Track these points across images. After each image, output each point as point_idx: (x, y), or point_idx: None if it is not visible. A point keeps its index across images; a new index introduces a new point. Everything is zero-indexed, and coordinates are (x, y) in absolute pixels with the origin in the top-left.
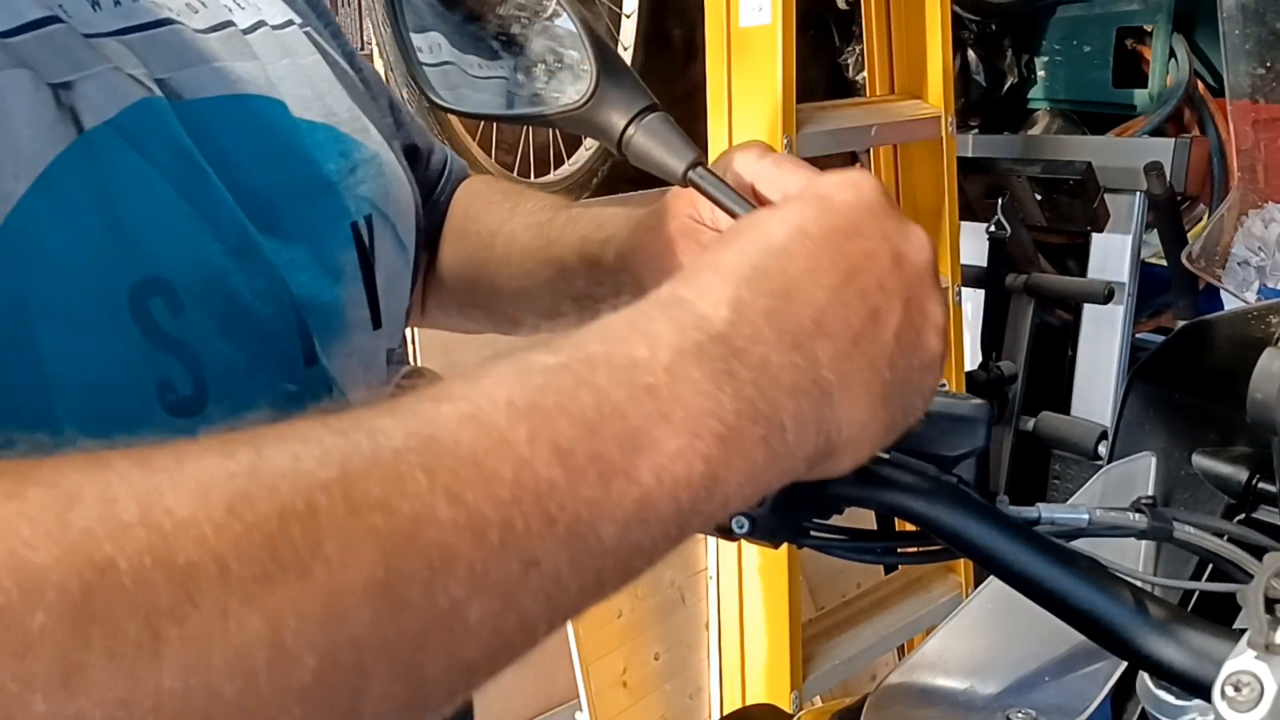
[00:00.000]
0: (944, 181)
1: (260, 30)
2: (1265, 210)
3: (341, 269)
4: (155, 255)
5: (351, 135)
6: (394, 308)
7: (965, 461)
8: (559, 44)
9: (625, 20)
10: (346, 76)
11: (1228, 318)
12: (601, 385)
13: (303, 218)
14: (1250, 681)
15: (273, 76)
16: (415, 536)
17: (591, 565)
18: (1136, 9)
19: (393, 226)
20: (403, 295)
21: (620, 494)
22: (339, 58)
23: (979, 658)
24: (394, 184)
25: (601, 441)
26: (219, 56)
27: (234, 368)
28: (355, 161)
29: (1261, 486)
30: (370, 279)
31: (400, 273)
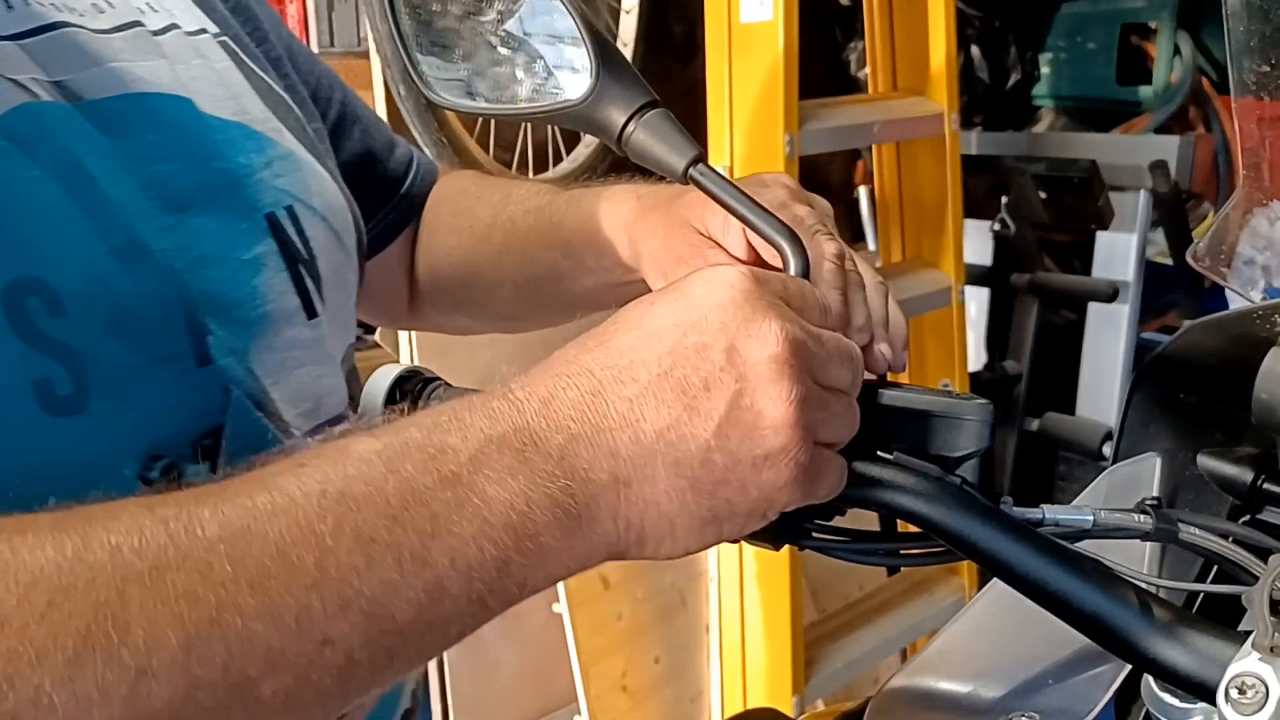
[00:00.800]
0: (947, 179)
1: (172, 33)
2: (1271, 208)
3: (261, 260)
4: (33, 256)
5: (265, 134)
6: (338, 299)
7: (969, 462)
8: (558, 40)
9: (625, 16)
10: (263, 84)
11: (1233, 317)
12: (409, 473)
13: (215, 211)
14: (1255, 684)
15: (182, 76)
16: (217, 622)
17: (384, 643)
18: (1141, 5)
19: (323, 218)
20: (348, 287)
21: (415, 577)
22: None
23: (982, 661)
24: (315, 179)
25: (401, 528)
26: (121, 56)
27: (120, 368)
28: (270, 156)
29: (1267, 487)
30: (296, 268)
31: (342, 264)
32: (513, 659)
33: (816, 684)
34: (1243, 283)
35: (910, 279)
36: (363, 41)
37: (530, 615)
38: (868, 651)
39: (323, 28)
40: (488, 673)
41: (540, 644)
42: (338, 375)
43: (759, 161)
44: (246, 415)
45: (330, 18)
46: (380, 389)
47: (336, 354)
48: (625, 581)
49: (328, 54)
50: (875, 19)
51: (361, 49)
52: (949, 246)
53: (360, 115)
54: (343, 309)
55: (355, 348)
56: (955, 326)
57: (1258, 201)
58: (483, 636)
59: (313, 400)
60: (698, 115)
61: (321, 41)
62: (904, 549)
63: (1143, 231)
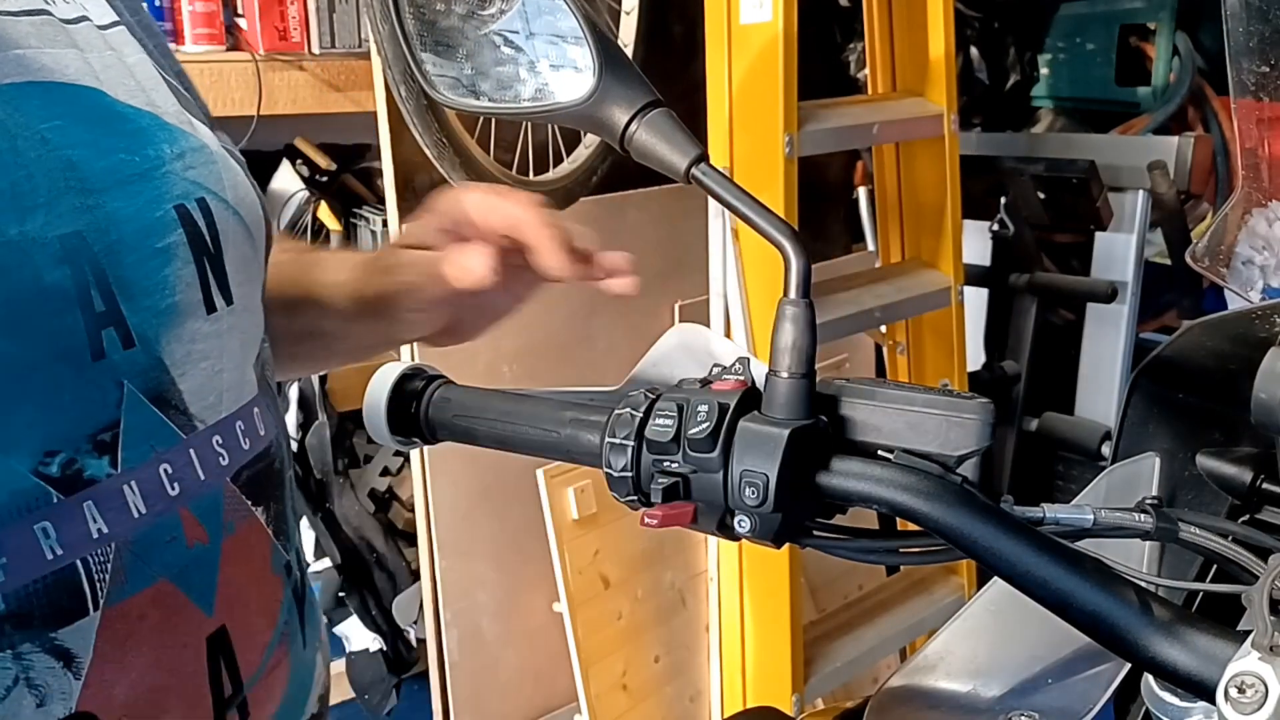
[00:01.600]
0: (946, 180)
1: (84, 24)
2: (1269, 209)
3: (171, 251)
4: None
5: (177, 126)
6: (247, 293)
7: (969, 461)
8: (561, 39)
9: (625, 17)
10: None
11: (1232, 317)
12: None
13: (129, 198)
14: (1255, 683)
15: (95, 65)
16: None
17: None
18: (1140, 6)
19: (235, 211)
20: (256, 280)
21: None
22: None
23: (982, 660)
24: (227, 173)
25: None
26: (27, 43)
27: (9, 364)
28: (183, 149)
29: (1266, 487)
30: (202, 261)
31: (250, 258)
32: (513, 658)
33: (816, 683)
34: (1241, 283)
35: (910, 279)
36: (364, 42)
37: (530, 615)
38: (867, 650)
39: (323, 28)
40: (488, 672)
41: (541, 643)
42: (243, 370)
43: (759, 161)
44: (142, 410)
45: (331, 18)
46: (384, 386)
47: (244, 348)
48: (625, 581)
49: (328, 54)
50: (875, 20)
51: (362, 49)
52: (948, 247)
53: None
54: (252, 303)
55: None
56: (954, 327)
57: (1256, 202)
58: (483, 635)
59: (215, 394)
60: (698, 116)
61: (322, 42)
62: (904, 547)
63: (1141, 232)
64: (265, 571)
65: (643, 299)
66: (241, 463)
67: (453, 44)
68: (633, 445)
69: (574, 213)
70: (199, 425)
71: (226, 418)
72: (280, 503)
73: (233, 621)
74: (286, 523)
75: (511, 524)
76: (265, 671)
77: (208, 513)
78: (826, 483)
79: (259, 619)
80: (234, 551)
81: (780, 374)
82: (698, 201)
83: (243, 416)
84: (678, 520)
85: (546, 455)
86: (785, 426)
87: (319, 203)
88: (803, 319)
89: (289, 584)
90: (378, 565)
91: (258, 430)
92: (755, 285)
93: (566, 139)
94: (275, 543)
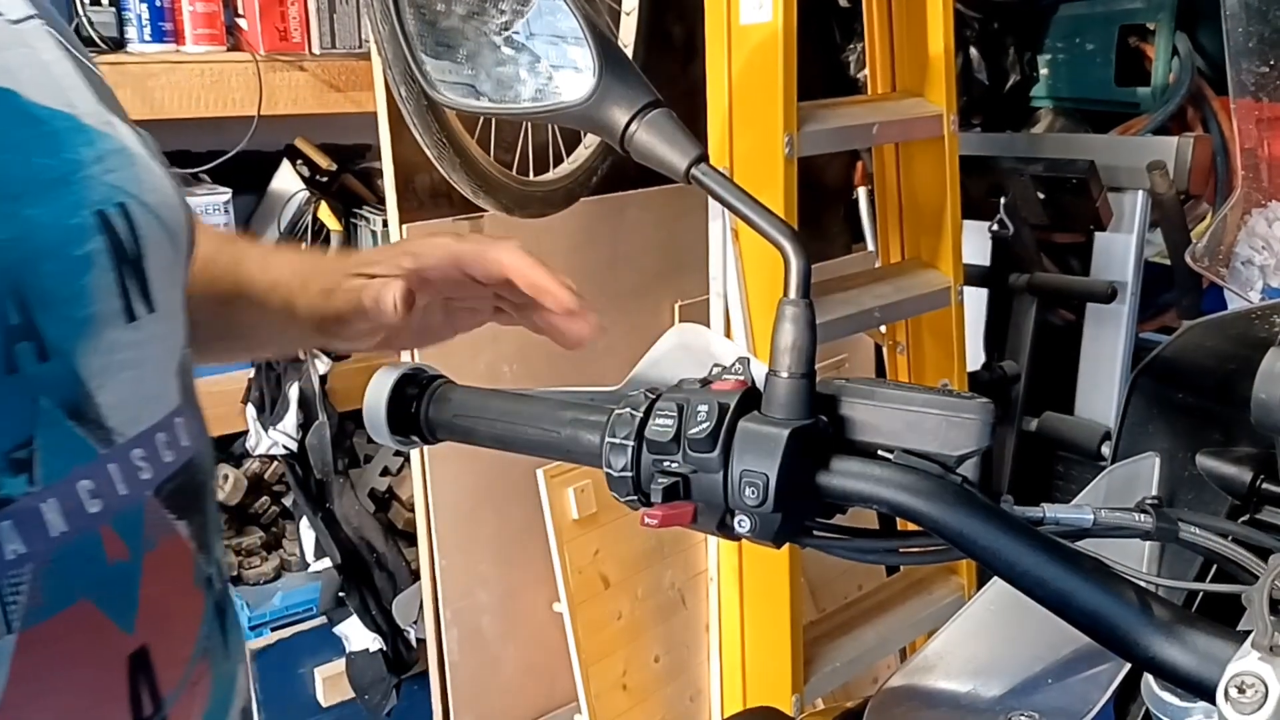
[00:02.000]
0: (946, 180)
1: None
2: (1269, 209)
3: (91, 258)
4: None
5: (96, 127)
6: (169, 299)
7: (968, 461)
8: (562, 40)
9: (625, 18)
10: (93, 75)
11: (1231, 317)
12: None
13: (47, 203)
14: (1255, 683)
15: (9, 64)
16: None
17: None
18: (1139, 7)
19: (157, 215)
20: (178, 285)
21: None
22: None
23: (981, 660)
24: (148, 175)
25: None
26: None
27: None
28: (102, 151)
29: (1266, 487)
30: (122, 269)
31: (173, 262)
32: (513, 658)
33: (816, 683)
34: (1241, 283)
35: (909, 279)
36: (364, 43)
37: (531, 614)
38: (867, 650)
39: (324, 29)
40: (488, 671)
41: (541, 643)
42: (165, 379)
43: (759, 162)
44: (58, 426)
45: (332, 19)
46: (384, 387)
47: (166, 356)
48: (625, 581)
49: (329, 54)
50: (875, 20)
51: (363, 50)
52: (948, 247)
53: None
54: (174, 309)
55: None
56: (954, 327)
57: (1256, 202)
58: (483, 635)
59: (136, 406)
60: (698, 116)
61: (323, 42)
62: (904, 547)
63: (1141, 232)
64: (187, 586)
65: (643, 299)
66: (164, 476)
67: (453, 44)
68: (633, 445)
69: (574, 213)
70: (118, 439)
71: (148, 430)
72: (203, 515)
73: (154, 639)
74: (209, 535)
75: (511, 524)
76: (186, 688)
77: (129, 529)
78: (826, 483)
79: (180, 635)
80: (155, 567)
81: (780, 374)
82: (698, 201)
83: (165, 428)
84: (678, 520)
85: (546, 455)
86: (785, 426)
87: (319, 203)
88: (803, 319)
89: (210, 597)
90: (378, 565)
91: (180, 441)
92: (755, 285)
93: (566, 139)
94: (197, 556)
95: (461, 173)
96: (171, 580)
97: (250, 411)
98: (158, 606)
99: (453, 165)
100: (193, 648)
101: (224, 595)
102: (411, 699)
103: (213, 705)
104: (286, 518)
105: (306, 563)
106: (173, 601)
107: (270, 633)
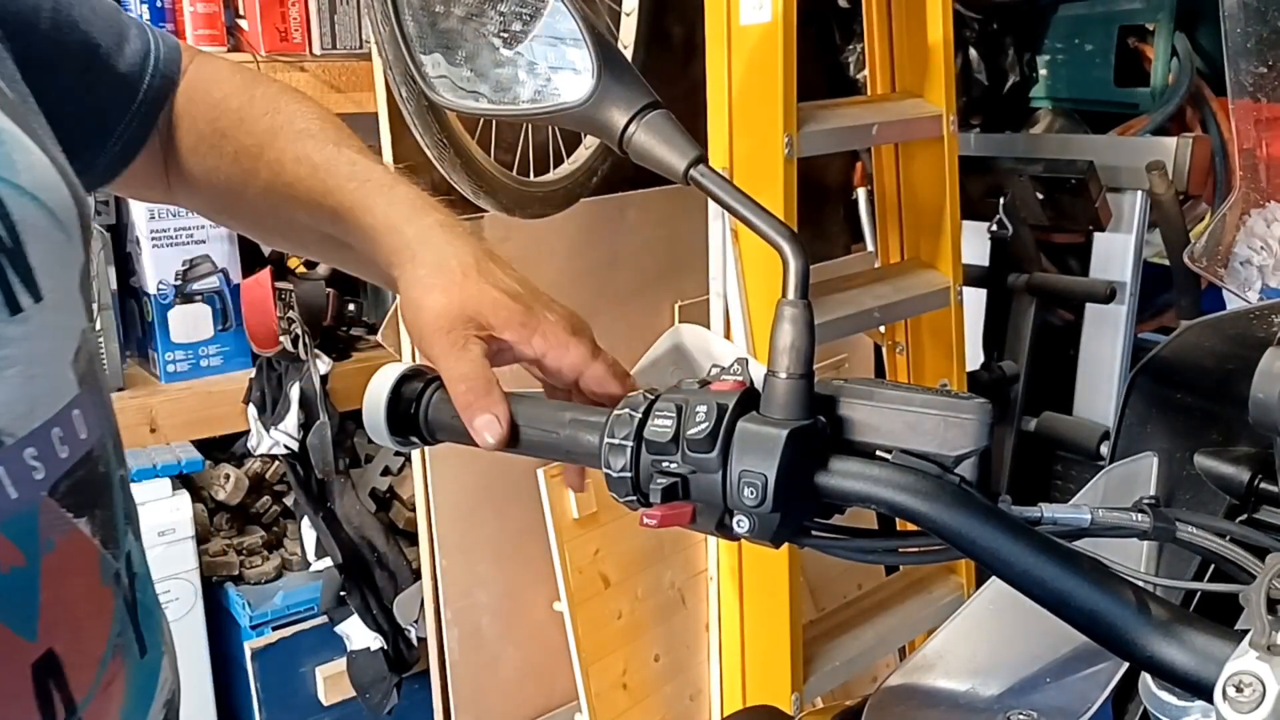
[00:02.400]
0: (945, 180)
1: None
2: (1267, 209)
3: None
4: None
5: None
6: (58, 285)
7: (967, 461)
8: (561, 41)
9: (625, 19)
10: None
11: (1230, 317)
12: None
13: None
14: (1252, 682)
15: None
16: None
17: None
18: (1138, 7)
19: (33, 197)
20: (71, 269)
21: None
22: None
23: (980, 659)
24: (21, 154)
25: None
26: None
27: None
28: None
29: (1263, 487)
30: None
31: (61, 245)
32: (513, 657)
33: (815, 682)
34: (1239, 283)
35: (909, 279)
36: (365, 43)
37: (531, 613)
38: (866, 649)
39: (324, 29)
40: (488, 671)
41: (541, 642)
42: (57, 370)
43: (758, 162)
44: None
45: (332, 19)
46: (384, 388)
47: (60, 346)
48: (625, 580)
49: (329, 55)
50: (874, 21)
51: (363, 50)
52: (947, 247)
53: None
54: (66, 295)
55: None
56: (953, 327)
57: (1254, 203)
58: (484, 634)
59: (27, 403)
60: (698, 117)
61: (324, 43)
62: (902, 547)
63: (1140, 232)
64: (94, 585)
65: (642, 299)
66: (59, 473)
67: (453, 46)
68: (632, 445)
69: (574, 213)
70: (7, 440)
71: (40, 427)
72: (107, 508)
73: (60, 643)
74: (115, 528)
75: (512, 523)
76: (100, 688)
77: (22, 533)
78: (825, 483)
79: (90, 635)
80: (56, 569)
81: (779, 374)
82: (698, 202)
83: (60, 422)
84: (677, 520)
85: (546, 456)
86: (784, 427)
87: None
88: (801, 319)
89: (120, 593)
90: (379, 564)
91: (78, 434)
92: (755, 286)
93: (566, 140)
94: (103, 552)
95: (462, 173)
96: (76, 581)
97: (251, 411)
98: (62, 610)
99: (453, 166)
100: (105, 648)
101: (133, 590)
102: (412, 698)
103: (131, 703)
104: (288, 517)
105: (308, 562)
106: (79, 603)
107: (271, 632)
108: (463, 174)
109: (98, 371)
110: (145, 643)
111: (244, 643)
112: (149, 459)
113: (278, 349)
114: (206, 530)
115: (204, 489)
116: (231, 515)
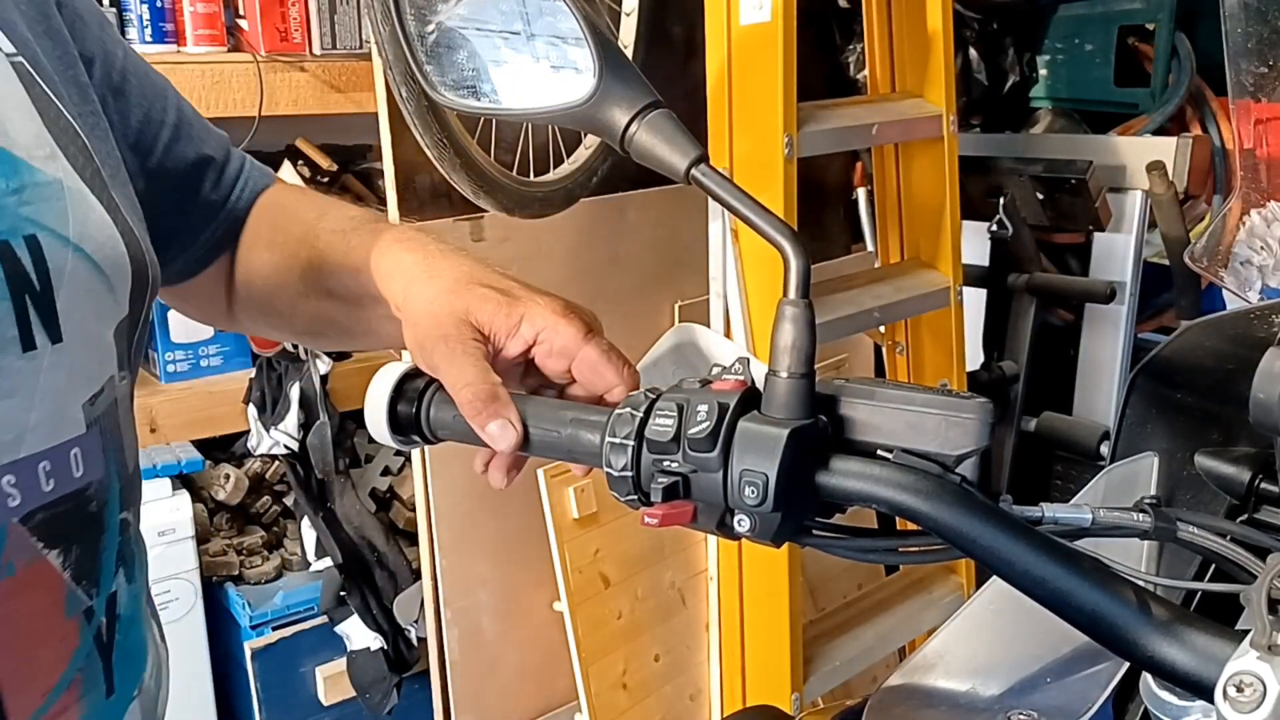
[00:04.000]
0: (945, 180)
1: None
2: (1267, 209)
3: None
4: None
5: (26, 160)
6: (85, 330)
7: (967, 461)
8: (562, 41)
9: (625, 18)
10: (52, 109)
11: (1230, 317)
12: None
13: None
14: (1253, 682)
15: None
16: None
17: None
18: (1139, 7)
19: (78, 248)
20: (106, 318)
21: None
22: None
23: (980, 659)
24: (80, 209)
25: None
26: None
27: None
28: (23, 183)
29: (1264, 487)
30: (22, 299)
31: (99, 295)
32: (513, 657)
33: (815, 682)
34: (1239, 283)
35: (909, 280)
36: (365, 43)
37: (531, 613)
38: (866, 649)
39: (324, 29)
40: (488, 671)
41: (541, 642)
42: (63, 409)
43: (758, 162)
44: None
45: (332, 19)
46: (385, 387)
47: (71, 387)
48: (625, 580)
49: (329, 55)
50: (874, 21)
51: (363, 51)
52: (947, 247)
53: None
54: (93, 342)
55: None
56: (953, 327)
57: (1254, 203)
58: (484, 634)
59: (15, 432)
60: (698, 117)
61: (323, 43)
62: (903, 547)
63: (1140, 232)
64: (53, 615)
65: (643, 299)
66: (38, 504)
67: (453, 45)
68: (633, 445)
69: (574, 213)
70: None
71: (27, 457)
72: (88, 545)
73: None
74: (96, 568)
75: (512, 523)
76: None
77: None
78: (826, 482)
79: (41, 663)
80: (11, 593)
81: (780, 374)
82: (698, 201)
83: (52, 456)
84: (677, 520)
85: (546, 455)
86: (785, 426)
87: None
88: (802, 319)
89: (89, 630)
90: (379, 564)
91: (72, 472)
92: (755, 285)
93: (567, 140)
94: (72, 587)
95: (462, 173)
96: (31, 608)
97: (251, 411)
98: (12, 632)
99: (453, 166)
100: (58, 678)
101: (117, 630)
102: (412, 698)
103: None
104: (288, 517)
105: (308, 562)
106: (32, 628)
107: (271, 632)
108: (463, 174)
109: (119, 418)
110: (114, 685)
111: (244, 643)
112: (149, 459)
113: (278, 349)
114: (206, 530)
115: (204, 489)
116: (231, 515)
